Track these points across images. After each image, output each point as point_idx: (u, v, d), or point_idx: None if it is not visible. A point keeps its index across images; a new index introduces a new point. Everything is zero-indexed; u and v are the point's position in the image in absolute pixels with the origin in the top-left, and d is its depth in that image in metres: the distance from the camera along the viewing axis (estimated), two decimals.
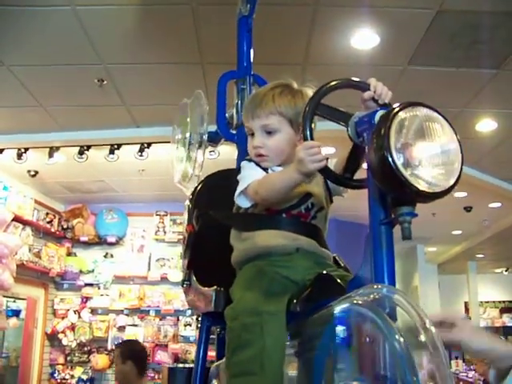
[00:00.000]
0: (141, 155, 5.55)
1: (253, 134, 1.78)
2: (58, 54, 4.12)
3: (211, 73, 4.36)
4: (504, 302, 15.95)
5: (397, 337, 1.08)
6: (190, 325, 7.06)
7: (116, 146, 5.51)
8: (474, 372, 9.13)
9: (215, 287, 1.93)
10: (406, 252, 11.40)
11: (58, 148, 5.65)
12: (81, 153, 5.58)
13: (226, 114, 2.77)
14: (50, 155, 5.70)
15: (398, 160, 1.22)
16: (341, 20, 3.78)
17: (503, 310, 15.83)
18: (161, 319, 7.20)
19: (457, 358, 9.53)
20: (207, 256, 2.14)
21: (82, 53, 4.10)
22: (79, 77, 4.43)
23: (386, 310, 1.15)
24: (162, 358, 7.02)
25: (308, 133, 1.49)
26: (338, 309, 1.30)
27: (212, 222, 1.95)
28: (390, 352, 1.08)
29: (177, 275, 7.11)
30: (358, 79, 1.56)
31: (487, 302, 15.53)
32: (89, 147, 5.55)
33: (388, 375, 1.10)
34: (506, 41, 3.93)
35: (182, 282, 2.21)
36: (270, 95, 1.76)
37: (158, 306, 7.18)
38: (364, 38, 3.90)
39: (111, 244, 7.44)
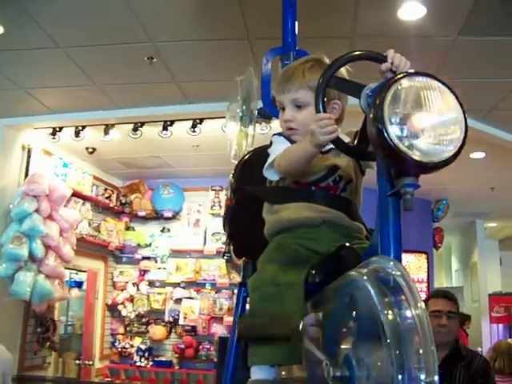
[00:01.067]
0: (193, 131, 5.63)
1: (283, 108, 1.82)
2: (109, 34, 4.21)
3: (259, 47, 4.36)
4: None
5: (387, 310, 1.10)
6: None
7: (169, 123, 5.61)
8: None
9: (244, 259, 2.00)
10: (464, 227, 11.17)
11: (112, 125, 5.81)
12: (135, 129, 5.71)
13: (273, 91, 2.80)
14: (106, 132, 5.87)
15: (393, 130, 1.22)
16: None
17: None
18: (216, 292, 7.33)
19: None
20: (243, 229, 2.19)
21: (131, 32, 4.18)
22: (130, 55, 4.51)
23: (383, 282, 1.17)
24: (217, 330, 7.17)
25: (320, 105, 1.51)
26: (344, 280, 1.33)
27: (247, 195, 2.01)
28: (382, 324, 1.10)
29: None
30: (374, 51, 1.55)
31: None
32: (142, 124, 5.67)
33: (379, 347, 1.13)
34: None
35: (223, 254, 2.30)
36: (300, 69, 1.80)
37: (213, 280, 7.32)
38: (411, 9, 3.80)
39: (168, 218, 7.60)
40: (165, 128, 5.66)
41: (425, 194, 1.91)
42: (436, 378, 1.04)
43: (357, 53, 1.55)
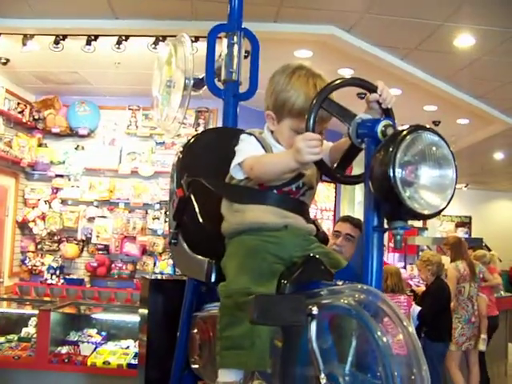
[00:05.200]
0: (118, 48, 5.45)
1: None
2: None
3: None
4: (460, 216, 16.76)
5: (379, 334, 1.23)
6: (158, 218, 7.21)
7: (93, 37, 5.39)
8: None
9: (208, 259, 1.99)
10: None
11: (32, 36, 5.49)
12: (56, 42, 5.43)
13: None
14: (24, 43, 5.54)
15: (400, 180, 1.33)
16: None
17: (458, 224, 16.69)
18: (130, 212, 7.32)
19: (411, 264, 10.03)
20: (197, 223, 2.19)
21: None
22: None
23: (370, 310, 1.30)
24: (130, 249, 7.21)
25: (311, 124, 1.58)
26: (328, 301, 1.44)
27: (203, 188, 1.99)
28: (374, 347, 1.23)
29: (147, 169, 7.19)
30: (367, 80, 1.65)
31: (444, 215, 16.24)
32: (65, 37, 5.40)
33: (371, 367, 1.26)
34: None
35: (169, 239, 2.27)
36: None
37: (127, 199, 7.27)
38: None
39: (83, 136, 7.39)
40: (88, 43, 5.43)
41: (337, 126, 1.97)
42: None
43: (349, 79, 1.68)
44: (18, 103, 7.06)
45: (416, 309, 5.27)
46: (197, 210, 2.18)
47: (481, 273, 6.51)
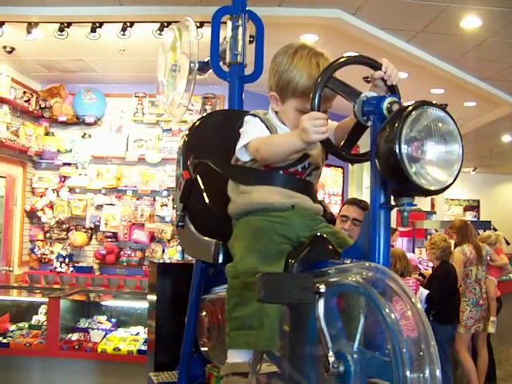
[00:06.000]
0: (123, 34, 5.43)
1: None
2: None
3: None
4: (468, 200, 16.70)
5: (387, 311, 1.22)
6: (166, 205, 7.22)
7: (98, 24, 5.36)
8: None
9: (215, 240, 1.98)
10: None
11: (36, 24, 5.48)
12: (61, 30, 5.42)
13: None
14: (28, 31, 5.53)
15: (406, 156, 1.32)
16: None
17: (467, 208, 16.63)
18: (138, 199, 7.33)
19: (419, 247, 10.01)
20: (204, 204, 2.18)
21: None
22: None
23: (378, 287, 1.29)
24: (139, 236, 7.23)
25: (316, 103, 1.58)
26: (336, 279, 1.44)
27: (209, 170, 1.99)
28: (382, 324, 1.22)
29: (154, 156, 7.21)
30: (371, 58, 1.64)
31: (452, 199, 16.23)
32: (69, 24, 5.39)
33: (379, 344, 1.25)
34: None
35: (176, 222, 2.27)
36: None
37: (135, 187, 7.29)
38: None
39: (89, 124, 7.40)
40: (93, 30, 5.41)
41: (344, 111, 1.94)
42: (438, 371, 1.17)
43: (354, 57, 1.64)
44: (24, 92, 7.07)
45: (424, 292, 5.27)
46: (203, 191, 2.18)
47: (488, 255, 6.48)
